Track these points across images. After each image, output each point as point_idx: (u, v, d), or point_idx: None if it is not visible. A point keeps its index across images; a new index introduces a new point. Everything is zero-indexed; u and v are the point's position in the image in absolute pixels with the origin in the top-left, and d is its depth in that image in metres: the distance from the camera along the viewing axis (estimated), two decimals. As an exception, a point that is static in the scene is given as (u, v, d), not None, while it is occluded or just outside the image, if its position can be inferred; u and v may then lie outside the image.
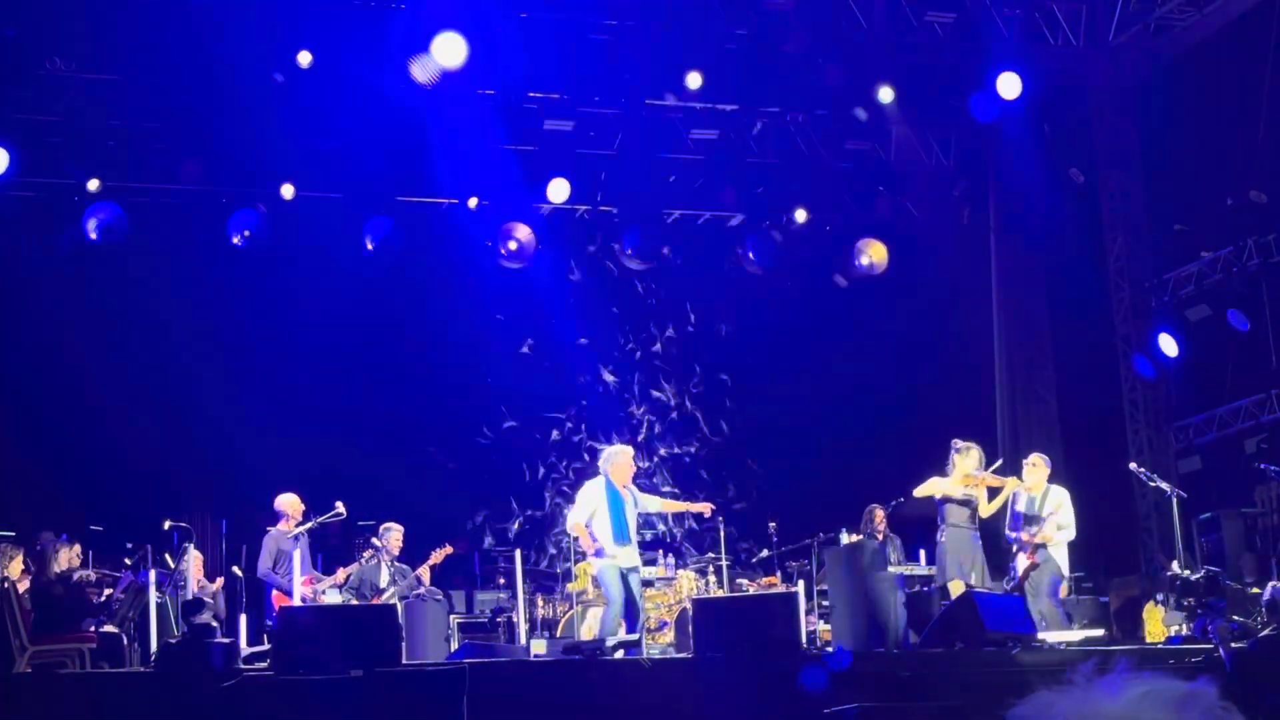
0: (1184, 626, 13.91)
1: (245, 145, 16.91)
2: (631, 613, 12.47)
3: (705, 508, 13.23)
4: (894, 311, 19.58)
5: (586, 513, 12.63)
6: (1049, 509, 13.39)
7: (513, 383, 18.33)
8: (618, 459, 12.76)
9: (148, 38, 15.75)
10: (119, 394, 17.37)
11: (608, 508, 12.50)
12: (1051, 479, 13.82)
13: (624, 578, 12.43)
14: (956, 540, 13.16)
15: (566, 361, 18.72)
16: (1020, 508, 13.51)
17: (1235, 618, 12.52)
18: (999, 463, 13.57)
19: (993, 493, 13.50)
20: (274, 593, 14.00)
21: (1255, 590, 13.80)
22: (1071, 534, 13.48)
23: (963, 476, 13.29)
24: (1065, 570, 13.50)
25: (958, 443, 13.56)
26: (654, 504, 12.98)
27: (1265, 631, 11.95)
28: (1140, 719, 1.69)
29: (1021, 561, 13.42)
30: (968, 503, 13.24)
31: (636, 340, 18.92)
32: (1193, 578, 13.06)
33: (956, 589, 12.93)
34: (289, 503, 14.37)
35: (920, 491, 13.48)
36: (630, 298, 18.80)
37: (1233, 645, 11.17)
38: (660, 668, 10.85)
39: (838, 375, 19.50)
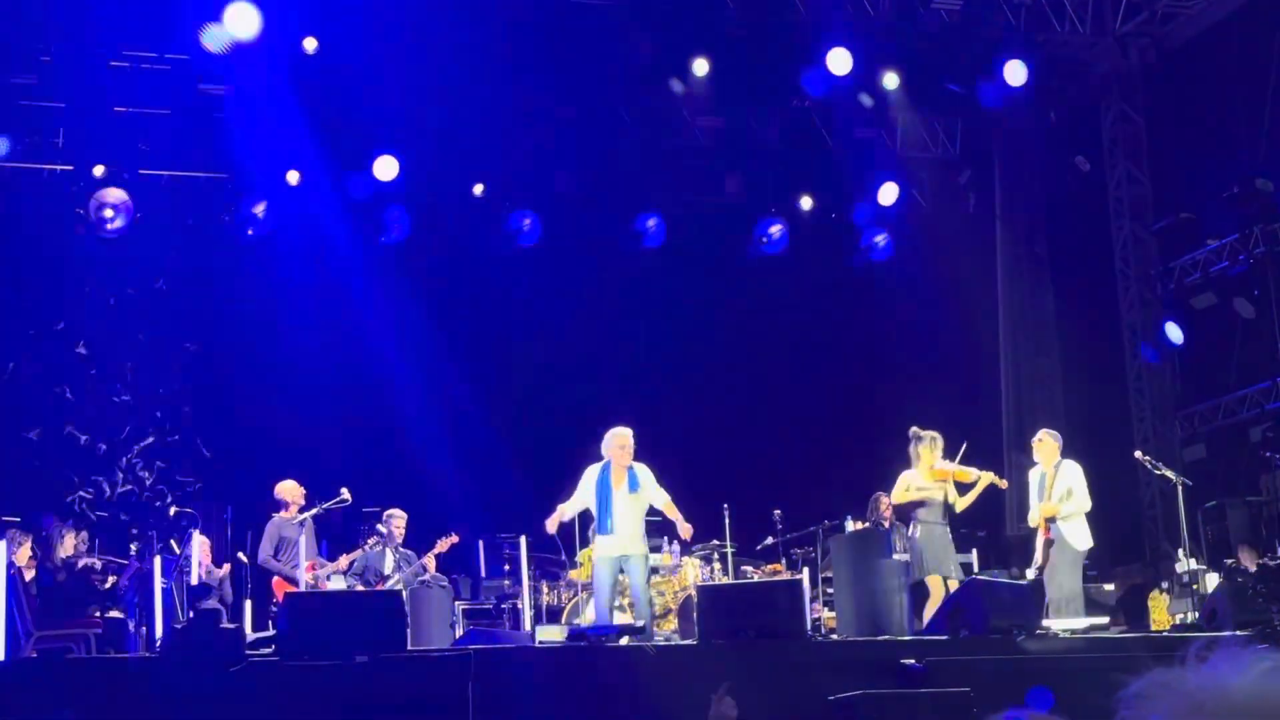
0: (1188, 615, 13.91)
1: (256, 132, 16.93)
2: (638, 602, 12.34)
3: (687, 531, 13.16)
4: (899, 299, 19.57)
5: (577, 502, 12.39)
6: (1061, 484, 13.13)
7: (517, 369, 18.34)
8: (610, 441, 12.42)
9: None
10: (123, 377, 17.39)
11: (595, 495, 12.24)
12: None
13: (618, 568, 12.22)
14: (929, 535, 12.85)
15: (571, 345, 18.72)
16: (1034, 486, 13.35)
17: None
18: (964, 446, 13.33)
19: (965, 487, 13.15)
20: (275, 579, 14.02)
21: None
22: (1080, 505, 13.07)
23: (929, 470, 13.03)
24: (1081, 545, 13.06)
25: (919, 432, 13.21)
26: (660, 500, 12.68)
27: None
28: (1265, 694, 1.67)
29: (1039, 540, 13.30)
30: (937, 496, 12.96)
31: (642, 324, 18.91)
32: (1272, 564, 12.93)
33: (935, 584, 12.83)
34: (289, 490, 14.38)
35: (898, 496, 13.26)
36: (634, 282, 18.78)
37: None
38: (665, 654, 10.85)
39: (843, 361, 19.50)
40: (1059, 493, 13.10)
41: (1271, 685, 1.67)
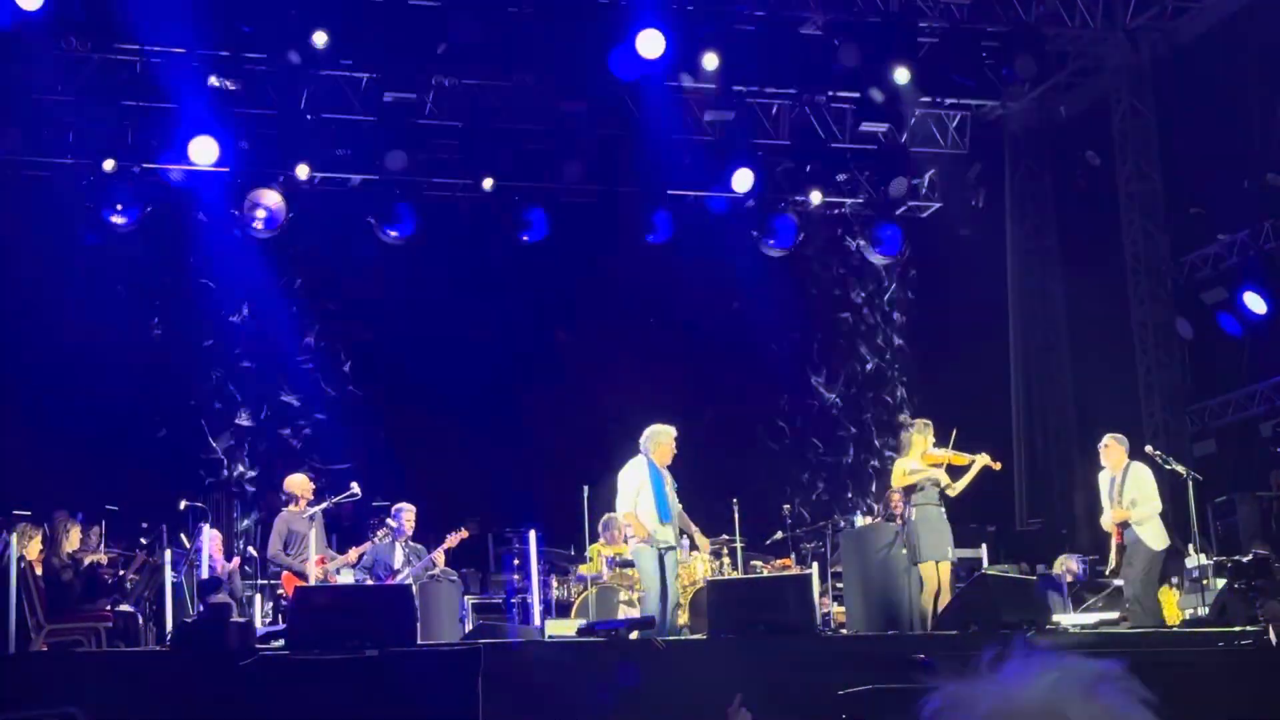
0: (1199, 610, 13.88)
1: (261, 123, 16.96)
2: (664, 594, 12.26)
3: (705, 545, 13.21)
4: (909, 294, 19.56)
5: (634, 495, 12.23)
6: (1129, 487, 13.13)
7: (527, 363, 18.34)
8: (660, 438, 12.35)
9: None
10: (135, 374, 17.42)
11: (651, 487, 12.15)
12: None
13: (661, 559, 12.17)
14: (924, 517, 12.84)
15: (581, 339, 18.72)
16: (1104, 490, 13.35)
17: None
18: (954, 433, 13.33)
19: (959, 471, 13.20)
20: (284, 574, 14.03)
21: None
22: (1151, 507, 13.07)
23: (922, 456, 13.07)
24: (1157, 545, 13.03)
25: (909, 420, 13.37)
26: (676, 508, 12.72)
27: None
28: (1057, 702, 1.67)
29: (1113, 544, 13.31)
30: (933, 480, 12.98)
31: (652, 318, 18.90)
32: (1244, 560, 12.92)
33: (928, 571, 12.80)
34: (298, 484, 14.39)
35: (898, 481, 13.26)
36: (642, 279, 18.76)
37: None
38: (674, 649, 10.85)
39: (852, 357, 19.48)
40: (1128, 499, 13.10)
41: (1057, 696, 1.68)
